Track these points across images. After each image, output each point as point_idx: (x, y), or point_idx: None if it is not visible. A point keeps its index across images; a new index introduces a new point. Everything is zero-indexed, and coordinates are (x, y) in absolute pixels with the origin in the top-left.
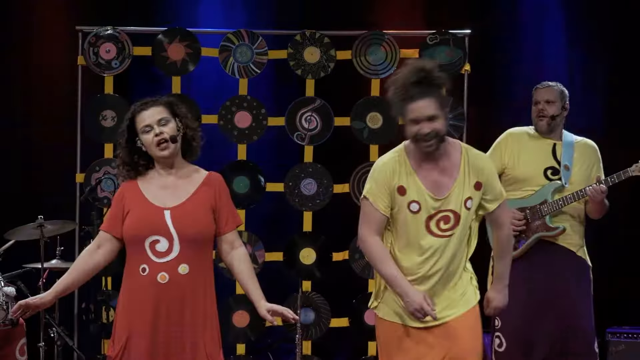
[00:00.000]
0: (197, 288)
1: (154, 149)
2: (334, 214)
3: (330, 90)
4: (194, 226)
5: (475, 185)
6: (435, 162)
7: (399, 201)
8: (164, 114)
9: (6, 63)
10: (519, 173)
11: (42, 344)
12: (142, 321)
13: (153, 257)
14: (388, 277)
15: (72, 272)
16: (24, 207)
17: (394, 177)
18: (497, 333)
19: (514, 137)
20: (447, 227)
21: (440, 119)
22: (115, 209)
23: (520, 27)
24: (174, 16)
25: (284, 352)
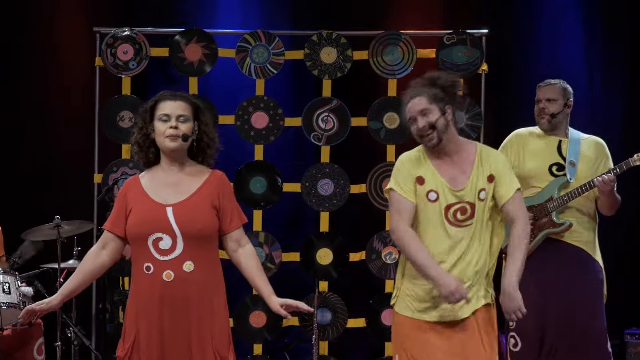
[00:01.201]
0: (203, 285)
1: (163, 139)
2: (350, 214)
3: (347, 90)
4: (197, 223)
5: (488, 178)
6: (450, 157)
7: (418, 191)
8: (186, 112)
9: (25, 64)
10: (524, 171)
11: (59, 343)
12: (149, 320)
13: (157, 255)
14: (421, 262)
15: (78, 274)
16: (42, 208)
17: (414, 167)
18: (512, 333)
19: (519, 136)
20: (463, 217)
21: (433, 113)
22: (118, 207)
23: (537, 26)
24: (191, 17)
25: (300, 352)
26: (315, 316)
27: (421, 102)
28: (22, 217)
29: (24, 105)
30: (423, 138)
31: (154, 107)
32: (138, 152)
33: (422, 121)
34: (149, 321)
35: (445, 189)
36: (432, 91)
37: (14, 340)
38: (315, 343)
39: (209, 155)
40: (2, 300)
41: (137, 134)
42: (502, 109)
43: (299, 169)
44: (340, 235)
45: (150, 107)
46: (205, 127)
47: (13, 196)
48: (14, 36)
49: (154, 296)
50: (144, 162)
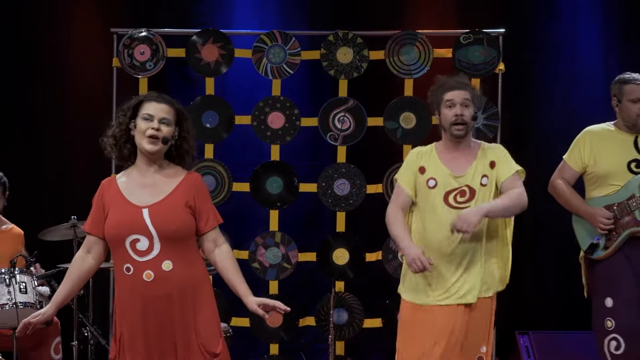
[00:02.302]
0: (184, 283)
1: (143, 139)
2: (367, 214)
3: (363, 90)
4: (172, 224)
5: (490, 164)
6: (459, 152)
7: (420, 180)
8: (169, 116)
9: (42, 65)
10: (601, 169)
11: (75, 343)
12: (132, 320)
13: (135, 256)
14: (395, 234)
15: (67, 281)
16: (59, 208)
17: (419, 159)
18: (613, 335)
19: (592, 134)
20: (462, 199)
21: (470, 109)
22: (96, 209)
23: (555, 25)
24: (207, 18)
25: (317, 353)
26: (332, 316)
27: (466, 94)
28: (40, 217)
29: (41, 105)
30: (455, 125)
31: (138, 106)
32: (113, 146)
33: (461, 111)
34: (132, 322)
35: (446, 176)
36: (472, 92)
37: (31, 339)
38: (331, 343)
39: (187, 162)
40: (19, 300)
41: (115, 128)
42: (519, 109)
43: (316, 169)
44: (356, 235)
45: (134, 105)
46: (185, 134)
47: (31, 196)
48: (31, 37)
49: (135, 296)
50: (117, 157)
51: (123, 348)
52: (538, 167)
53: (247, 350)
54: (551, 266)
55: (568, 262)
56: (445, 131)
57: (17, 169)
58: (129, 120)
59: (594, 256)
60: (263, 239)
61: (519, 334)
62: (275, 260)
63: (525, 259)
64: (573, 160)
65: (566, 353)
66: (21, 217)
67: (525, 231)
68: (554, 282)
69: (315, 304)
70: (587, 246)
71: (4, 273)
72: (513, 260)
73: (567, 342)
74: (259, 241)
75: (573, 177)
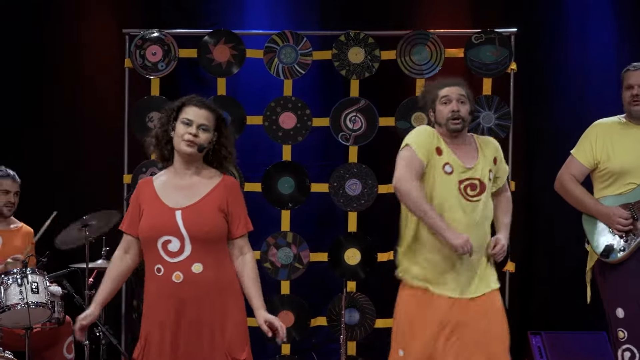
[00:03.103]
0: (214, 286)
1: (181, 141)
2: (378, 214)
3: (374, 90)
4: (204, 226)
5: (494, 160)
6: (458, 146)
7: (435, 160)
8: (208, 122)
9: (55, 66)
10: (616, 166)
11: (87, 342)
12: (160, 320)
13: (166, 257)
14: (430, 215)
15: (107, 281)
16: (72, 208)
17: (434, 139)
18: (627, 345)
19: (603, 128)
20: (473, 193)
21: (467, 105)
22: (132, 209)
23: (567, 24)
24: (219, 18)
25: (328, 353)
26: (343, 316)
27: (461, 91)
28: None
29: (54, 106)
30: (452, 120)
31: (180, 108)
32: (155, 145)
33: (457, 107)
34: (160, 322)
35: (458, 165)
36: (467, 91)
37: (44, 338)
38: (343, 343)
39: (225, 167)
40: (31, 300)
41: (158, 128)
42: (531, 109)
43: (327, 169)
44: (368, 235)
45: (176, 107)
46: (224, 139)
47: (43, 196)
48: (44, 38)
49: (163, 297)
50: (158, 157)
51: (149, 347)
52: (550, 167)
53: (258, 350)
54: (564, 266)
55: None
56: (440, 127)
57: (30, 168)
58: (170, 121)
59: (610, 259)
60: (275, 239)
61: (532, 334)
62: (286, 261)
63: (537, 259)
64: (583, 156)
65: (578, 353)
66: (33, 217)
67: (537, 231)
68: (567, 283)
69: (327, 304)
70: (602, 249)
71: (16, 273)
72: (526, 260)
73: (580, 342)
74: (271, 241)
75: (582, 174)
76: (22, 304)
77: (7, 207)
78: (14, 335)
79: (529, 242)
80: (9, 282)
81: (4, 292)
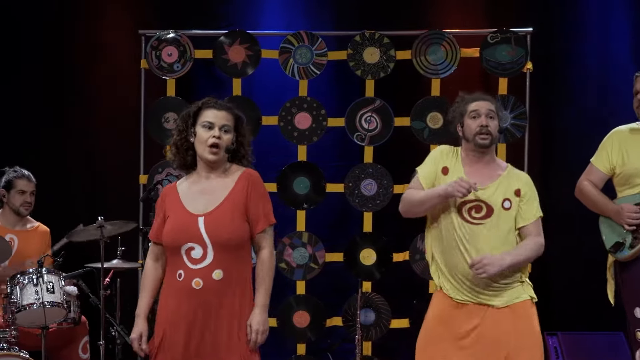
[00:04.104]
0: (231, 292)
1: (204, 148)
2: (394, 214)
3: (390, 90)
4: (225, 233)
5: (515, 191)
6: (483, 165)
7: (440, 180)
8: (229, 122)
9: (72, 66)
10: (630, 169)
11: (102, 342)
12: (177, 324)
13: (189, 263)
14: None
15: (145, 293)
16: (88, 208)
17: (445, 158)
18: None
19: (619, 134)
20: (478, 215)
21: (495, 121)
22: (158, 217)
23: (584, 23)
24: (234, 19)
25: (344, 353)
26: (359, 317)
27: (491, 106)
28: (68, 217)
29: (70, 106)
30: (480, 135)
31: (197, 113)
32: (176, 154)
33: (486, 121)
34: (177, 325)
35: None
36: (498, 106)
37: (59, 338)
38: (358, 343)
39: (245, 163)
40: (47, 300)
41: (176, 136)
42: (547, 108)
43: (342, 169)
44: (383, 235)
45: (193, 112)
46: (242, 139)
47: (59, 197)
48: (61, 39)
49: (182, 302)
50: (180, 165)
51: (162, 348)
52: (566, 167)
53: (273, 350)
54: (580, 267)
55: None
56: (468, 142)
57: (47, 168)
58: (188, 127)
59: (618, 256)
60: (290, 239)
61: (548, 334)
62: (302, 261)
63: (554, 260)
64: (600, 163)
65: (595, 354)
66: (50, 217)
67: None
68: (583, 283)
69: (342, 304)
70: (612, 244)
71: (32, 273)
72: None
73: (596, 343)
74: (286, 241)
75: (601, 180)
76: (37, 304)
77: (24, 207)
78: (30, 334)
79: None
80: (25, 282)
81: (19, 291)
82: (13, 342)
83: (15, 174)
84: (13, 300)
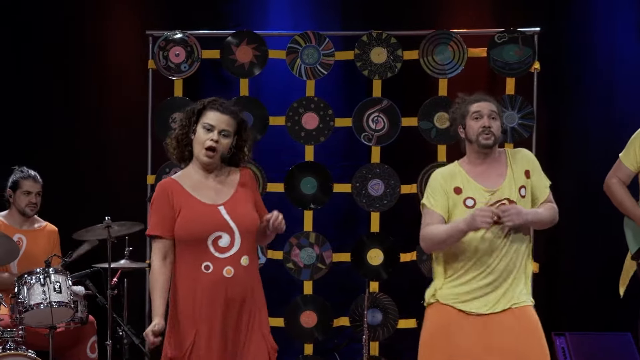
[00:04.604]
0: (255, 276)
1: (201, 149)
2: (401, 214)
3: (397, 90)
4: (248, 216)
5: (525, 173)
6: (487, 165)
7: (455, 200)
8: (230, 127)
9: (79, 66)
10: None
11: (109, 342)
12: (212, 318)
13: (217, 253)
14: (446, 230)
15: (159, 293)
16: (95, 208)
17: (448, 181)
18: None
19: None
20: None
21: (498, 122)
22: (164, 210)
23: (592, 23)
24: (242, 19)
25: (351, 353)
26: (366, 317)
27: (492, 107)
28: (75, 217)
29: (77, 106)
30: (483, 135)
31: (201, 112)
32: (175, 147)
33: (489, 122)
34: (211, 319)
35: (481, 193)
36: (499, 106)
37: (68, 338)
38: (365, 344)
39: (241, 165)
40: (54, 300)
41: (178, 130)
42: (555, 108)
43: (350, 169)
44: (390, 235)
45: (197, 110)
46: (242, 143)
47: (67, 196)
48: (68, 39)
49: (216, 293)
50: (177, 158)
51: (196, 348)
52: (575, 167)
53: (281, 350)
54: (588, 266)
55: (606, 262)
56: (471, 143)
57: (55, 168)
58: (191, 124)
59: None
60: (297, 239)
61: (555, 335)
62: (309, 261)
63: (561, 259)
64: (628, 159)
65: (603, 354)
66: (57, 217)
67: (562, 232)
68: (591, 283)
69: (350, 304)
70: (636, 250)
71: (39, 273)
72: (550, 260)
73: (604, 343)
74: (294, 241)
75: (628, 176)
76: (44, 304)
77: (30, 208)
78: (37, 334)
79: (553, 242)
80: (32, 282)
81: (27, 291)
82: (20, 341)
83: (21, 175)
84: (20, 300)
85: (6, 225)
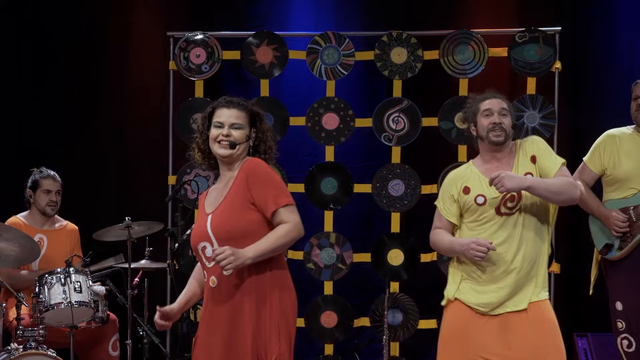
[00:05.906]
0: (247, 287)
1: (214, 144)
2: (422, 214)
3: (417, 90)
4: (225, 225)
5: (531, 159)
6: (498, 160)
7: (466, 200)
8: (240, 120)
9: (101, 68)
10: (620, 173)
11: (129, 341)
12: (205, 324)
13: (206, 262)
14: (447, 245)
15: (185, 289)
16: (117, 208)
17: (457, 184)
18: (624, 335)
19: (612, 137)
20: (512, 204)
21: (508, 118)
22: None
23: (613, 22)
24: (262, 20)
25: (371, 353)
26: (386, 317)
27: (502, 104)
28: (95, 217)
29: (100, 107)
30: (493, 132)
31: (211, 114)
32: (201, 156)
33: (499, 119)
34: (205, 325)
35: (490, 188)
36: (509, 104)
37: (90, 336)
38: (385, 344)
39: (267, 160)
40: (75, 299)
41: (198, 139)
42: (576, 108)
43: (370, 169)
44: (411, 236)
45: (208, 114)
46: (261, 135)
47: (89, 197)
48: (90, 41)
49: (207, 302)
50: (207, 167)
51: (197, 349)
52: None
53: (301, 350)
54: None
55: None
56: (482, 140)
57: (77, 169)
58: (205, 129)
59: (608, 256)
60: (318, 240)
61: (577, 336)
62: (329, 261)
63: (583, 260)
64: (593, 163)
65: None
66: (78, 217)
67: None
68: None
69: (370, 304)
70: (602, 246)
71: (59, 272)
72: (572, 261)
73: None
74: (314, 242)
75: (592, 179)
76: (65, 303)
77: (50, 207)
78: (59, 332)
79: (575, 243)
80: (53, 282)
81: (47, 291)
82: (41, 340)
83: (40, 174)
84: (41, 299)
85: (27, 225)
